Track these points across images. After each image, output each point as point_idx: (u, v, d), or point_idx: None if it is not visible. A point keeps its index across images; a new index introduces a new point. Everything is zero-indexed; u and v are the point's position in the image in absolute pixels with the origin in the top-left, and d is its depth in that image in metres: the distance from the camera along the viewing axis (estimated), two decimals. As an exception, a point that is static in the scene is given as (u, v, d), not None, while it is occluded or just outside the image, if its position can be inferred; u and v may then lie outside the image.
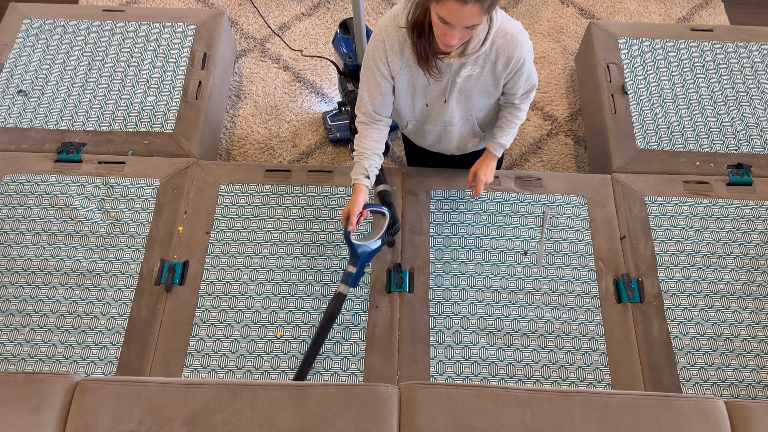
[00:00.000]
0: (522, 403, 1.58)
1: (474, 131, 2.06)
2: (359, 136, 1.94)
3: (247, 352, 2.00)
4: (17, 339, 2.01)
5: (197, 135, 2.44)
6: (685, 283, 2.13)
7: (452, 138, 2.07)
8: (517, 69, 1.81)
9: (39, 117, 2.46)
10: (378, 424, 1.56)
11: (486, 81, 1.84)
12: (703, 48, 2.66)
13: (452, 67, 1.79)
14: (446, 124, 1.99)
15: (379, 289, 2.10)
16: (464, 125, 2.03)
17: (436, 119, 1.98)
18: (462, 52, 1.74)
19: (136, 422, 1.55)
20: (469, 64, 1.78)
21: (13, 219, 2.22)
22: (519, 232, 2.22)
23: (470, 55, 1.73)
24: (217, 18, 2.75)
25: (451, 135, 2.05)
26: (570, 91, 3.08)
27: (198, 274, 2.12)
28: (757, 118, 2.49)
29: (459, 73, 1.80)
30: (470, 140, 2.12)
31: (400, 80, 1.86)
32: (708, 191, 2.31)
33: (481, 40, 1.72)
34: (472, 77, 1.82)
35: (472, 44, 1.72)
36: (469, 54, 1.73)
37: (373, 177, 1.94)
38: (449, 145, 2.12)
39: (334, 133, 2.85)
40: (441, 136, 2.07)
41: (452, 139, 2.08)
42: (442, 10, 1.52)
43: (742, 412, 1.62)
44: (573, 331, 2.04)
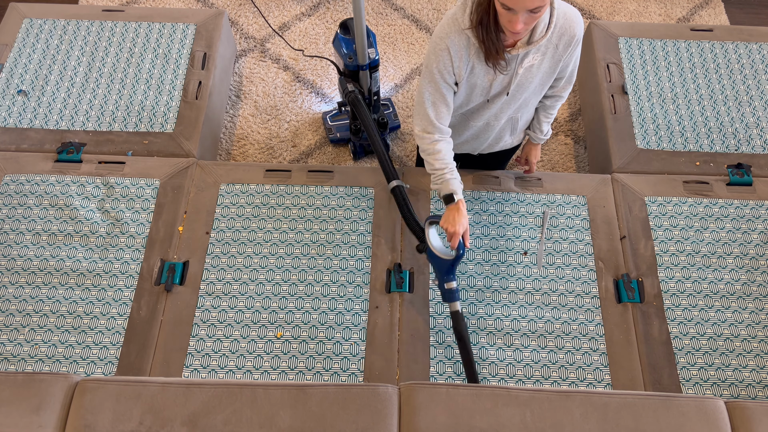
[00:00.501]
0: (522, 403, 1.58)
1: (513, 129, 2.04)
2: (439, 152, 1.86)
3: (247, 352, 2.00)
4: (17, 339, 2.01)
5: (197, 135, 2.44)
6: (685, 283, 2.13)
7: (489, 135, 2.03)
8: (573, 48, 1.79)
9: (39, 117, 2.46)
10: (378, 424, 1.56)
11: (545, 70, 1.80)
12: (703, 48, 2.66)
13: (518, 58, 1.75)
14: (490, 119, 1.95)
15: (379, 289, 2.10)
16: (506, 125, 2.00)
17: (484, 114, 1.92)
18: (528, 40, 1.71)
19: (136, 422, 1.55)
20: (532, 52, 1.74)
21: (13, 219, 2.22)
22: (519, 232, 2.22)
23: (537, 42, 1.70)
24: (217, 18, 2.75)
25: (490, 131, 2.01)
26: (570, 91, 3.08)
27: (198, 274, 2.12)
28: (757, 118, 2.49)
29: (522, 63, 1.77)
30: (504, 138, 2.09)
31: (467, 83, 1.81)
32: (708, 191, 2.31)
33: (546, 25, 1.69)
34: (533, 67, 1.78)
35: (538, 30, 1.69)
36: (536, 41, 1.70)
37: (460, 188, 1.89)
38: (482, 142, 2.08)
39: (334, 133, 2.85)
40: (479, 133, 2.02)
41: (489, 135, 2.03)
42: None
43: (742, 412, 1.62)
44: (573, 331, 2.04)
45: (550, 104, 2.01)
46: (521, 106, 1.93)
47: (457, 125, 2.01)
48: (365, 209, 2.26)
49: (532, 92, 1.88)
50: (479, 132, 2.02)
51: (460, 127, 2.01)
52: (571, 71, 1.90)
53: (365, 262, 2.15)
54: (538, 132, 2.09)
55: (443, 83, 1.78)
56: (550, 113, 2.04)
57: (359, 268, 2.14)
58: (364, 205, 2.26)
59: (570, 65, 1.86)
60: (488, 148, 2.15)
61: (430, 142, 1.86)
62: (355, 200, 2.27)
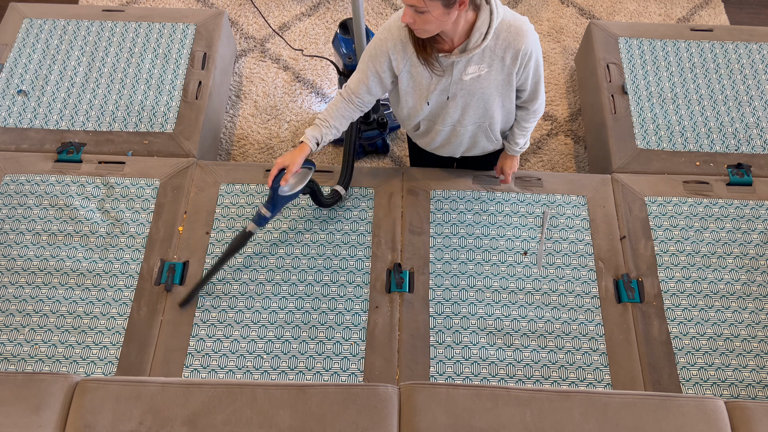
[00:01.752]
0: (522, 403, 1.58)
1: (487, 136, 2.04)
2: (332, 105, 1.94)
3: (247, 352, 2.00)
4: (17, 339, 2.01)
5: (197, 135, 2.44)
6: (685, 283, 2.13)
7: (462, 140, 2.05)
8: (525, 63, 1.79)
9: (39, 117, 2.46)
10: (378, 424, 1.56)
11: (497, 79, 1.82)
12: (703, 48, 2.66)
13: (457, 65, 1.78)
14: (455, 124, 1.97)
15: (379, 289, 2.10)
16: (477, 130, 2.01)
17: (445, 118, 1.95)
18: (464, 48, 1.73)
19: (136, 422, 1.56)
20: (474, 62, 1.77)
21: (13, 219, 2.22)
22: (519, 232, 2.22)
23: (472, 50, 1.72)
24: (217, 18, 2.75)
25: (461, 137, 2.03)
26: (570, 91, 3.08)
27: (198, 274, 2.12)
28: (757, 118, 2.49)
29: (465, 71, 1.79)
30: (480, 144, 2.09)
31: (403, 79, 1.86)
32: (708, 191, 2.31)
33: (483, 34, 1.71)
34: (481, 77, 1.81)
35: (474, 39, 1.71)
36: (470, 49, 1.73)
37: (321, 146, 1.95)
38: (458, 147, 2.10)
39: None
40: (450, 137, 2.05)
41: (462, 140, 2.05)
42: None
43: (742, 412, 1.62)
44: (573, 331, 2.04)
45: (521, 116, 2.00)
46: (484, 114, 1.94)
47: (427, 131, 2.06)
48: (365, 209, 2.26)
49: (492, 101, 1.89)
50: (449, 136, 2.05)
51: (431, 131, 2.05)
52: (533, 85, 1.89)
53: (365, 262, 2.15)
54: (512, 143, 2.09)
55: (372, 69, 1.86)
56: (523, 126, 2.02)
57: (359, 268, 2.14)
58: (364, 205, 2.26)
59: (528, 80, 1.86)
60: (468, 152, 2.16)
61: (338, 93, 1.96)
62: (355, 200, 2.27)
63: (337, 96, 1.96)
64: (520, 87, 1.89)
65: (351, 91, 1.93)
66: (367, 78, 1.88)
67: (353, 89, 1.92)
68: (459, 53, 1.74)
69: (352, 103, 1.94)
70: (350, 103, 1.94)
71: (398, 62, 1.82)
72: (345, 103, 1.94)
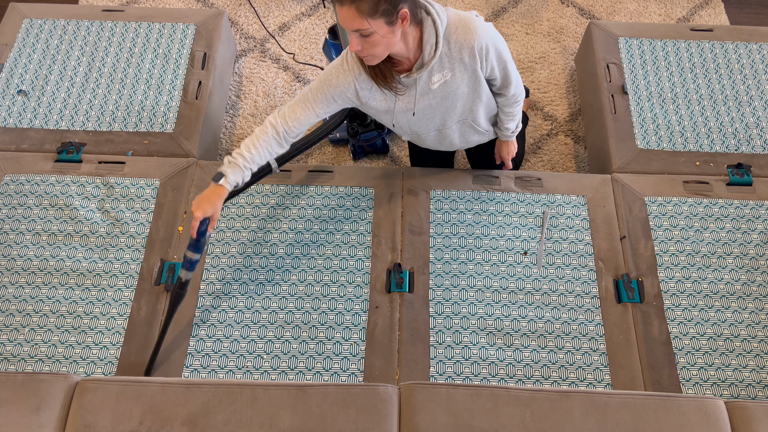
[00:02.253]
0: (522, 403, 1.58)
1: (475, 130, 2.06)
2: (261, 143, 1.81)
3: (247, 352, 2.00)
4: (17, 339, 2.01)
5: (197, 135, 2.44)
6: (685, 283, 2.13)
7: (451, 138, 2.06)
8: (484, 56, 1.76)
9: (39, 117, 2.46)
10: (378, 424, 1.56)
11: (464, 79, 1.81)
12: (703, 48, 2.66)
13: (420, 80, 1.78)
14: (440, 126, 1.99)
15: (379, 289, 2.10)
16: (464, 128, 2.02)
17: (428, 125, 1.97)
18: (420, 64, 1.73)
19: (136, 422, 1.56)
20: (435, 71, 1.76)
21: (13, 219, 2.22)
22: (519, 232, 2.22)
23: (429, 63, 1.72)
24: (217, 18, 2.75)
25: (450, 136, 2.04)
26: (570, 91, 3.08)
27: (198, 274, 2.12)
28: (757, 118, 2.49)
29: (431, 81, 1.79)
30: (471, 138, 2.11)
31: (373, 104, 1.85)
32: (708, 191, 2.31)
33: (433, 46, 1.70)
34: (448, 82, 1.80)
35: (426, 53, 1.71)
36: (427, 62, 1.72)
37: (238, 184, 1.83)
38: (451, 144, 2.12)
39: (334, 133, 2.85)
40: (440, 139, 2.07)
41: (451, 139, 2.07)
42: None
43: (742, 412, 1.62)
44: (573, 331, 2.04)
45: (502, 103, 2.00)
46: (463, 112, 1.93)
47: (416, 138, 2.08)
48: (365, 209, 2.26)
49: (467, 99, 1.88)
50: (440, 138, 2.06)
51: (418, 139, 2.07)
52: (502, 72, 1.85)
53: (365, 262, 2.15)
54: (503, 129, 2.09)
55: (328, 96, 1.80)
56: (507, 111, 2.02)
57: (359, 268, 2.14)
58: (364, 205, 2.26)
59: (495, 70, 1.83)
60: (464, 146, 2.18)
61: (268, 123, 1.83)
62: (355, 200, 2.27)
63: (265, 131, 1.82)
64: (489, 77, 1.87)
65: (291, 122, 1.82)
66: (318, 106, 1.81)
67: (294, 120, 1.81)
68: (418, 70, 1.74)
69: (287, 138, 1.84)
70: (284, 138, 1.84)
71: (364, 91, 1.80)
72: (277, 139, 1.83)
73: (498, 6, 3.37)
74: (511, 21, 3.31)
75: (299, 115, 1.82)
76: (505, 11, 3.35)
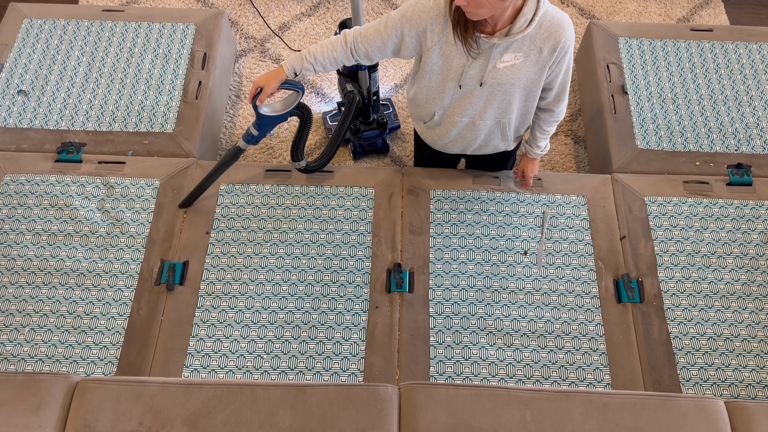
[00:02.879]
0: (522, 403, 1.58)
1: (503, 134, 2.02)
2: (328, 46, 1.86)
3: (247, 352, 2.00)
4: (17, 339, 2.01)
5: (197, 135, 2.44)
6: (685, 283, 2.13)
7: (476, 135, 2.01)
8: (561, 57, 1.78)
9: (39, 117, 2.46)
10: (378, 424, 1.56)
11: (529, 72, 1.80)
12: (703, 48, 2.66)
13: (495, 49, 1.74)
14: (476, 116, 1.94)
15: (379, 289, 2.10)
16: (495, 126, 1.98)
17: (467, 108, 1.91)
18: (507, 32, 1.70)
19: (136, 422, 1.56)
20: (512, 49, 1.74)
21: (13, 219, 2.22)
22: (519, 232, 2.22)
23: (515, 35, 1.69)
24: (217, 18, 2.75)
25: (478, 131, 1.99)
26: (570, 91, 3.08)
27: (198, 274, 2.12)
28: (757, 118, 2.49)
29: (501, 58, 1.76)
30: (494, 142, 2.07)
31: (433, 56, 1.80)
32: (708, 191, 2.31)
33: (528, 20, 1.69)
34: (515, 67, 1.78)
35: (518, 24, 1.69)
36: (514, 33, 1.70)
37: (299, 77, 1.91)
38: (472, 142, 2.06)
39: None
40: (466, 132, 2.01)
41: (476, 136, 2.02)
42: None
43: (742, 412, 1.62)
44: (573, 331, 2.04)
45: (543, 119, 2.00)
46: (506, 109, 1.91)
47: (444, 121, 2.00)
48: (365, 209, 2.26)
49: (517, 95, 1.87)
50: (465, 131, 2.00)
51: (447, 122, 1.99)
52: (561, 85, 1.88)
53: (365, 262, 2.15)
54: (533, 146, 2.09)
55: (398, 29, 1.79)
56: (545, 129, 2.03)
57: (359, 268, 2.14)
58: (364, 205, 2.26)
59: (559, 77, 1.85)
60: (479, 150, 2.13)
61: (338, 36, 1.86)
62: (355, 200, 2.27)
63: (337, 38, 1.86)
64: (548, 85, 1.87)
65: (361, 39, 1.83)
66: (388, 36, 1.80)
67: (364, 39, 1.83)
68: (502, 37, 1.71)
69: (353, 53, 1.86)
70: (351, 52, 1.86)
71: (434, 35, 1.76)
72: (344, 49, 1.86)
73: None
74: (511, 21, 3.31)
75: (370, 35, 1.83)
76: (505, 11, 3.35)
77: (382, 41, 1.82)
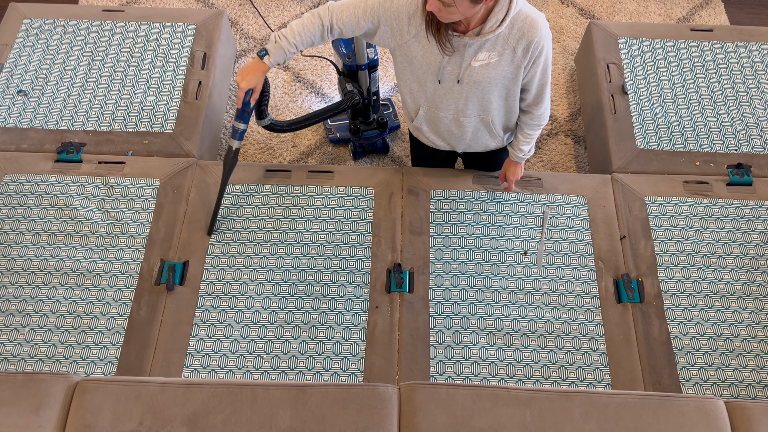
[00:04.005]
0: (522, 403, 1.58)
1: (491, 132, 2.04)
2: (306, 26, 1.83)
3: (247, 352, 2.00)
4: (17, 339, 2.01)
5: (197, 135, 2.44)
6: (685, 283, 2.13)
7: (464, 132, 2.03)
8: (535, 57, 1.77)
9: (39, 117, 2.46)
10: (378, 424, 1.56)
11: (504, 71, 1.81)
12: (703, 48, 2.66)
13: (469, 48, 1.76)
14: (459, 112, 1.95)
15: (379, 289, 2.10)
16: (480, 124, 2.00)
17: (449, 104, 1.93)
18: (479, 32, 1.72)
19: (136, 422, 1.56)
20: (486, 48, 1.75)
21: (13, 219, 2.22)
22: (519, 232, 2.22)
23: (487, 34, 1.71)
24: (217, 18, 2.75)
25: (463, 128, 2.01)
26: (570, 91, 3.08)
27: (198, 274, 2.12)
28: (757, 118, 2.49)
29: (476, 56, 1.77)
30: (483, 140, 2.09)
31: (413, 48, 1.82)
32: (708, 191, 2.31)
33: (499, 20, 1.69)
34: (489, 66, 1.79)
35: (489, 23, 1.70)
36: (485, 33, 1.71)
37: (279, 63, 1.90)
38: (461, 139, 2.08)
39: (334, 133, 2.85)
40: (452, 127, 2.02)
41: (464, 132, 2.03)
42: None
43: (742, 412, 1.62)
44: (573, 331, 2.04)
45: (525, 122, 2.00)
46: (486, 107, 1.93)
47: (430, 117, 2.02)
48: (365, 209, 2.26)
49: (495, 94, 1.88)
50: (452, 127, 2.02)
51: (433, 118, 2.02)
52: (539, 87, 1.87)
53: (365, 262, 2.15)
54: (516, 150, 2.08)
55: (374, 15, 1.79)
56: (527, 133, 2.02)
57: (359, 268, 2.14)
58: (364, 205, 2.26)
59: (536, 78, 1.84)
60: (471, 147, 2.15)
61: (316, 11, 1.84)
62: (355, 200, 2.27)
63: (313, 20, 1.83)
64: (525, 86, 1.87)
65: (336, 21, 1.82)
66: (365, 21, 1.80)
67: (340, 20, 1.81)
68: (474, 36, 1.72)
69: (329, 34, 1.85)
70: (327, 31, 1.84)
71: (412, 28, 1.77)
72: (321, 32, 1.84)
73: None
74: (511, 21, 3.31)
75: (345, 18, 1.81)
76: (505, 11, 3.35)
77: (357, 24, 1.82)
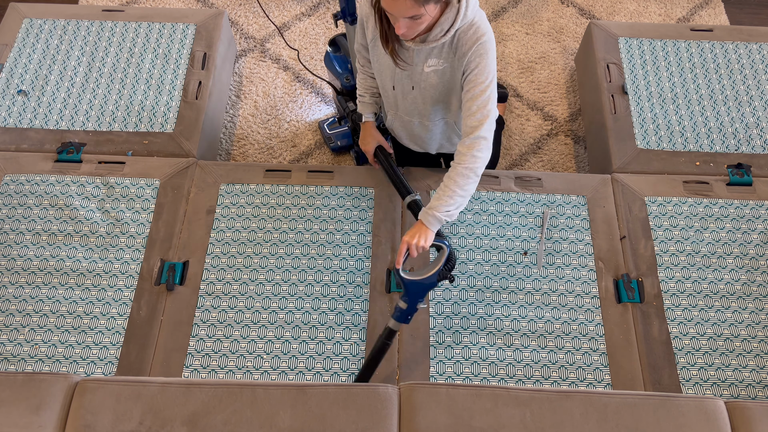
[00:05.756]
0: (522, 403, 1.58)
1: (458, 134, 2.06)
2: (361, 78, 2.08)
3: (247, 352, 2.00)
4: (17, 339, 2.01)
5: (197, 135, 2.44)
6: (685, 283, 2.13)
7: (432, 134, 2.06)
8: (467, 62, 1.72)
9: (39, 117, 2.46)
10: (378, 424, 1.56)
11: (454, 78, 1.82)
12: (703, 48, 2.66)
13: (418, 55, 1.78)
14: (422, 117, 1.99)
15: (379, 289, 2.10)
16: (446, 126, 2.03)
17: (410, 108, 1.97)
18: (423, 39, 1.73)
19: (136, 422, 1.55)
20: (434, 56, 1.78)
21: (13, 219, 2.22)
22: (519, 232, 2.22)
23: (430, 42, 1.72)
24: (217, 18, 2.75)
25: (430, 132, 2.05)
26: (570, 91, 3.08)
27: (198, 274, 2.12)
28: (757, 118, 2.49)
29: (427, 62, 1.80)
30: (456, 140, 2.10)
31: (376, 51, 1.88)
32: (708, 191, 2.31)
33: (444, 30, 1.70)
34: (440, 71, 1.81)
35: (434, 33, 1.70)
36: (429, 42, 1.72)
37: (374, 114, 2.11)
38: (431, 141, 2.12)
39: (335, 141, 2.79)
40: (419, 131, 2.07)
41: (432, 135, 2.07)
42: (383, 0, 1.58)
43: (742, 412, 1.62)
44: (573, 331, 2.04)
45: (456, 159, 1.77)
46: (446, 109, 1.95)
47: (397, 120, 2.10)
48: (365, 209, 2.26)
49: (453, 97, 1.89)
50: (418, 130, 2.07)
51: (400, 121, 2.09)
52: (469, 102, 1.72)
53: (365, 262, 2.15)
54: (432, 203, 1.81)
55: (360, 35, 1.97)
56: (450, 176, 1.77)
57: (359, 268, 2.14)
58: (364, 205, 2.26)
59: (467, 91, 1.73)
60: (444, 148, 2.18)
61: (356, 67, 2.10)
62: (355, 200, 2.27)
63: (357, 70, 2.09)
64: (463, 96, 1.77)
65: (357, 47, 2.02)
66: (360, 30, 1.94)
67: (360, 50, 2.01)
68: (418, 43, 1.74)
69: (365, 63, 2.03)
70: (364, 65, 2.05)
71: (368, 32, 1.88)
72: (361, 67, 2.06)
73: (498, 6, 3.37)
74: (511, 21, 3.31)
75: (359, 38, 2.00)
76: (505, 11, 3.35)
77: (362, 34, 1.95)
